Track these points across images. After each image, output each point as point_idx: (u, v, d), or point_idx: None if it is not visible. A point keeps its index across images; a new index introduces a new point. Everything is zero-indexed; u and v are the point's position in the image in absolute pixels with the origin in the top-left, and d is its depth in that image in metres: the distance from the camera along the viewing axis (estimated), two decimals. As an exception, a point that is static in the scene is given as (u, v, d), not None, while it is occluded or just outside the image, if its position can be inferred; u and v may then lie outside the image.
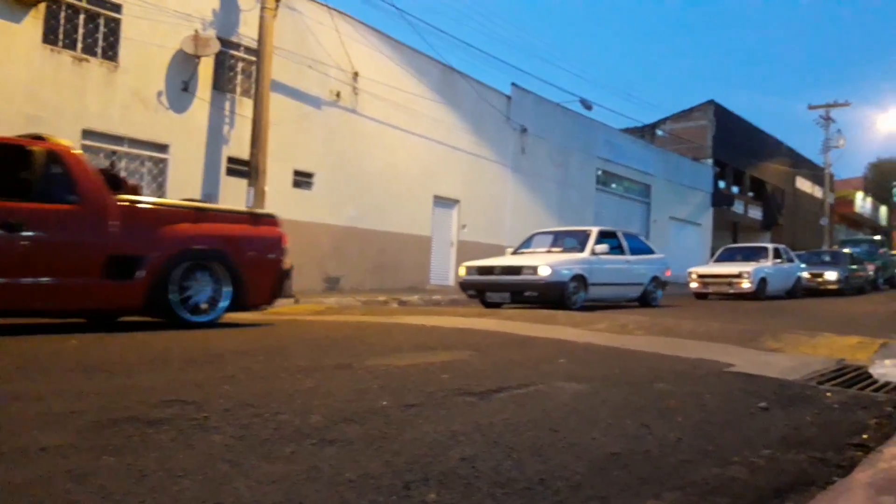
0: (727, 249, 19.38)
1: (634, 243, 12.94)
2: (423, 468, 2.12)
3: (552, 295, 10.42)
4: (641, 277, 12.40)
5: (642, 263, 12.61)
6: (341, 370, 3.93)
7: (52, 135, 6.41)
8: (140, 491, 1.87)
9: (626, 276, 12.10)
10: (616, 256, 12.00)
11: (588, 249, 11.37)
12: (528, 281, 10.50)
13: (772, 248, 18.23)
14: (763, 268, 16.72)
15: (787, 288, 17.86)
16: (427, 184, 16.85)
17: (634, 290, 12.32)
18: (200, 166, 12.14)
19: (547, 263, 10.58)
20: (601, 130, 23.99)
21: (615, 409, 3.00)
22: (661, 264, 13.10)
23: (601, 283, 11.28)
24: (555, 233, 13.03)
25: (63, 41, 10.55)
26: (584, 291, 10.86)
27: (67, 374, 3.67)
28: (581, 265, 11.03)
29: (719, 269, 17.03)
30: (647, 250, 13.11)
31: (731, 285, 16.19)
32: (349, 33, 14.47)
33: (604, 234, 12.17)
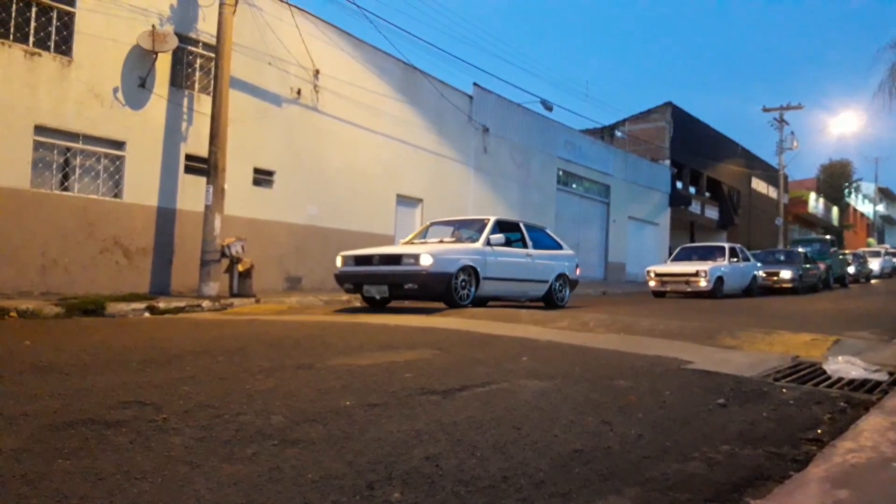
0: (684, 249, 19.52)
1: (540, 237, 11.88)
2: (387, 467, 2.12)
3: (436, 288, 9.21)
4: (546, 274, 11.27)
5: (547, 259, 11.47)
6: (303, 370, 3.90)
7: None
8: (97, 494, 1.83)
9: (527, 271, 10.90)
10: (516, 250, 10.96)
11: (482, 240, 10.14)
12: (408, 272, 9.16)
13: (728, 247, 18.43)
14: (719, 267, 16.88)
15: (743, 286, 18.11)
16: (390, 182, 16.80)
17: (537, 287, 11.20)
18: (158, 164, 11.90)
19: (430, 252, 9.26)
20: (561, 131, 24.22)
21: (576, 406, 3.04)
22: (569, 261, 12.04)
23: (496, 277, 10.12)
24: (453, 222, 11.86)
25: (14, 35, 10.23)
26: (474, 286, 9.64)
27: (20, 375, 3.57)
28: (472, 256, 9.72)
29: (677, 267, 17.11)
30: (554, 245, 12.06)
31: (689, 283, 16.29)
32: (310, 30, 14.34)
33: (503, 225, 11.12)
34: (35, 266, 10.18)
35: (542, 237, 11.95)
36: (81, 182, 10.94)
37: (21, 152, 10.18)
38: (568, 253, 12.25)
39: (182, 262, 11.86)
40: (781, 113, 35.85)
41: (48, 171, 10.58)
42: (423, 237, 11.32)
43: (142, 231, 11.53)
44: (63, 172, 10.79)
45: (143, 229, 11.55)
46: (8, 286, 9.78)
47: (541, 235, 11.97)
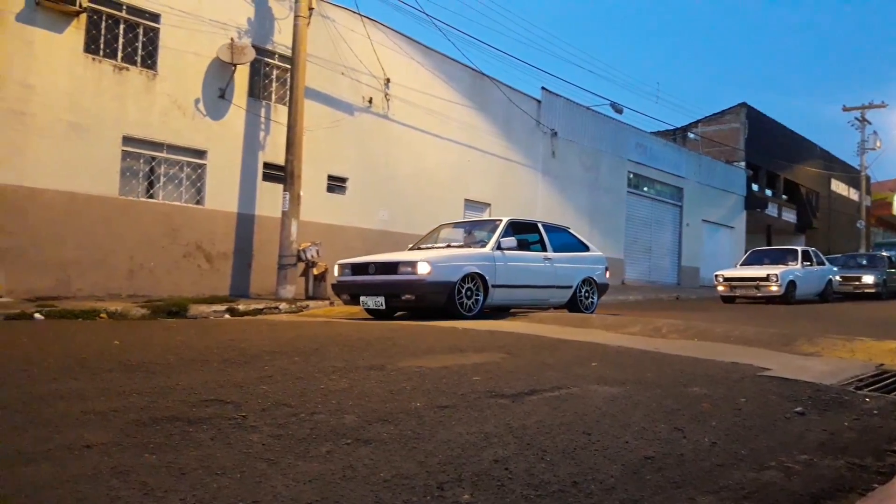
0: (755, 252, 18.61)
1: (562, 238, 10.83)
2: (457, 469, 2.14)
3: (436, 299, 8.45)
4: (568, 279, 10.24)
5: (570, 262, 10.41)
6: (375, 371, 3.98)
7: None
8: (180, 488, 1.92)
9: (545, 276, 9.92)
10: (533, 253, 10.03)
11: (491, 244, 9.22)
12: (404, 281, 8.43)
13: (801, 250, 17.53)
14: (792, 270, 16.08)
15: (818, 291, 17.26)
16: (458, 187, 16.89)
17: (559, 293, 10.20)
18: (237, 171, 12.34)
19: (429, 259, 8.46)
20: (632, 133, 23.80)
21: (648, 412, 2.99)
22: (596, 264, 10.99)
23: (509, 284, 9.23)
24: (464, 224, 10.99)
25: (104, 50, 10.81)
26: (482, 295, 8.78)
27: (110, 373, 3.76)
28: (478, 262, 8.85)
29: (746, 272, 16.41)
30: (578, 247, 10.98)
31: (759, 288, 15.61)
32: (381, 40, 14.58)
33: (518, 227, 10.23)
34: (123, 269, 10.70)
35: (564, 238, 10.91)
36: (166, 189, 11.45)
37: (110, 162, 10.73)
38: (595, 255, 11.20)
39: (260, 266, 12.25)
40: (863, 112, 34.24)
41: (135, 180, 11.12)
42: (433, 241, 10.42)
43: (222, 236, 11.97)
44: (149, 180, 11.32)
45: (223, 234, 11.99)
46: (99, 288, 10.33)
47: (563, 236, 10.95)
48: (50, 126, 10.11)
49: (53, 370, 3.82)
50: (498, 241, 9.27)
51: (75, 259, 10.19)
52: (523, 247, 10.04)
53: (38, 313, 7.52)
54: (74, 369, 3.88)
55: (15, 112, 9.78)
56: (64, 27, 10.29)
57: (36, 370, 3.79)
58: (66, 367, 3.92)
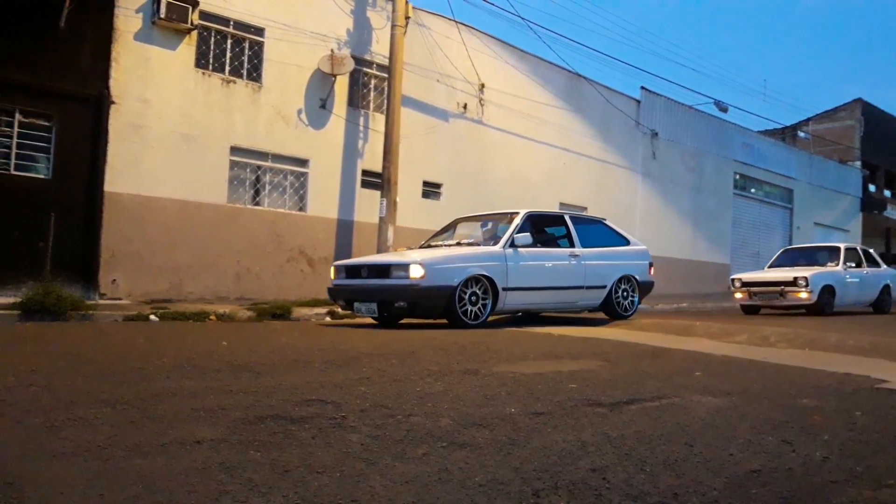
0: (788, 251, 15.32)
1: (595, 232, 9.58)
2: (553, 477, 2.11)
3: (433, 305, 7.62)
4: (601, 278, 9.07)
5: (604, 258, 9.19)
6: (469, 375, 3.99)
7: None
8: (283, 485, 1.98)
9: (571, 276, 8.77)
10: (555, 250, 9.03)
11: (503, 241, 8.22)
12: (396, 286, 7.59)
13: (844, 248, 14.02)
14: (828, 273, 12.89)
15: (868, 300, 13.95)
16: (552, 191, 16.72)
17: (589, 295, 9.01)
18: (337, 179, 12.72)
19: (423, 261, 7.57)
20: (737, 133, 22.84)
21: (755, 424, 2.86)
22: (637, 259, 9.67)
23: (524, 287, 8.26)
24: (483, 218, 9.74)
25: (213, 65, 11.40)
26: (491, 299, 7.88)
27: (218, 373, 3.95)
28: (485, 263, 7.93)
29: (769, 275, 13.29)
30: (616, 241, 9.67)
31: (784, 295, 12.46)
32: (476, 46, 14.65)
33: (538, 220, 9.15)
34: (231, 273, 11.23)
35: (598, 231, 9.68)
36: (270, 197, 11.95)
37: (219, 171, 11.29)
38: (636, 248, 9.87)
39: (357, 271, 12.56)
40: None
41: (242, 188, 11.65)
42: (449, 237, 9.42)
43: (323, 241, 12.37)
44: (254, 189, 11.84)
45: (324, 240, 12.38)
46: (208, 291, 10.89)
47: (596, 229, 9.72)
48: (164, 138, 10.74)
49: (167, 369, 4.05)
50: (511, 238, 8.26)
51: (187, 263, 10.78)
52: (549, 243, 9.20)
53: (153, 315, 8.00)
54: (186, 368, 4.10)
55: (133, 125, 10.46)
56: (177, 44, 10.91)
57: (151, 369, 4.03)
58: (179, 367, 4.15)
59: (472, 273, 7.77)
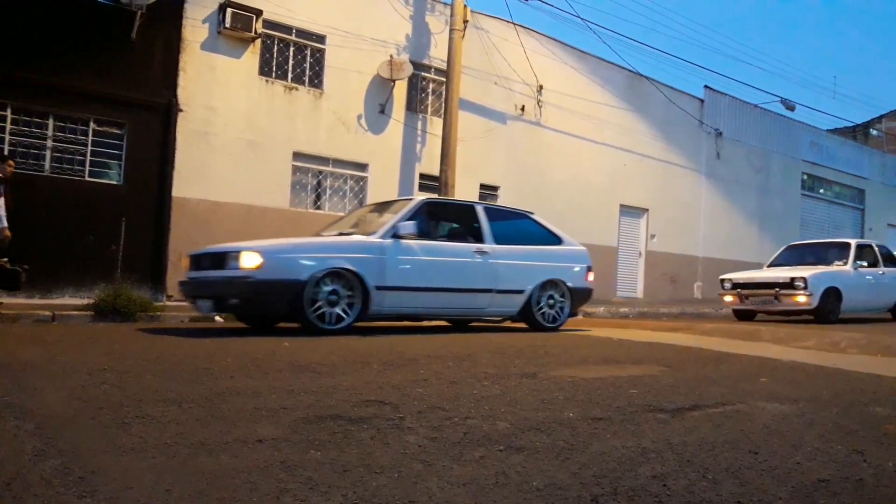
0: (792, 247, 13.40)
1: (516, 227, 8.28)
2: (612, 482, 2.08)
3: (272, 304, 6.42)
4: (518, 281, 7.80)
5: (522, 258, 7.90)
6: (527, 379, 3.96)
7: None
8: (342, 484, 2.01)
9: (475, 277, 7.53)
10: (452, 244, 7.69)
11: (384, 230, 6.96)
12: (229, 279, 6.37)
13: (855, 244, 12.17)
14: (833, 273, 11.26)
15: (885, 304, 12.32)
16: (613, 192, 16.49)
17: (501, 301, 7.74)
18: (396, 182, 12.84)
19: (262, 248, 6.40)
20: (805, 132, 22.09)
21: (823, 432, 2.75)
22: (570, 261, 8.32)
23: (409, 286, 7.00)
24: (388, 204, 8.28)
25: (276, 72, 11.68)
26: (359, 300, 6.62)
27: (280, 373, 4.03)
28: (352, 254, 6.64)
29: (764, 275, 11.70)
30: (543, 238, 8.31)
31: (779, 299, 10.91)
32: (534, 47, 14.59)
33: (438, 208, 8.01)
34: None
35: (521, 227, 8.34)
36: (331, 201, 12.15)
37: (282, 176, 11.55)
38: (571, 250, 8.48)
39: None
40: None
41: (304, 192, 11.88)
42: (345, 226, 8.14)
43: (380, 245, 12.48)
44: (316, 193, 12.07)
45: (381, 243, 12.50)
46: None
47: (520, 225, 8.39)
48: (229, 144, 11.05)
49: (231, 369, 4.15)
50: (394, 227, 6.98)
51: (251, 266, 11.04)
52: (454, 237, 8.05)
53: (217, 316, 8.21)
54: (249, 368, 4.19)
55: (200, 133, 10.79)
56: (241, 52, 11.22)
57: (216, 369, 4.14)
58: (242, 366, 4.25)
59: (331, 266, 6.46)
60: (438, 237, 7.95)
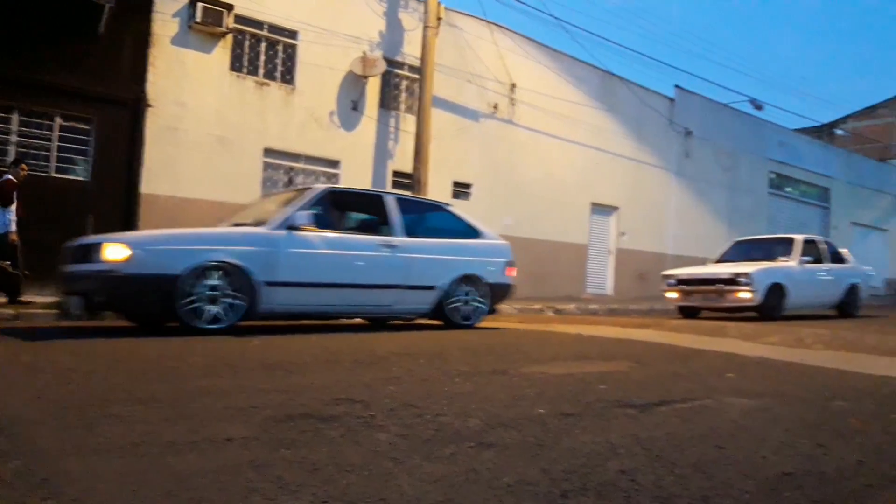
0: (740, 243, 13.05)
1: (429, 219, 7.95)
2: (581, 478, 2.10)
3: (141, 303, 5.94)
4: (430, 276, 7.38)
5: (436, 252, 7.51)
6: (498, 376, 3.98)
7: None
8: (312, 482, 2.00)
9: (382, 272, 7.06)
10: (356, 237, 7.29)
11: (277, 221, 6.51)
12: (94, 273, 5.83)
13: (802, 240, 11.97)
14: (777, 269, 10.99)
15: (831, 301, 12.09)
16: (584, 191, 16.62)
17: (412, 297, 7.31)
18: (368, 179, 12.79)
19: (130, 239, 5.99)
20: (773, 131, 22.48)
21: (788, 427, 2.81)
22: (488, 255, 7.96)
23: (304, 282, 6.52)
24: (289, 192, 7.89)
25: (247, 67, 11.56)
26: (246, 297, 6.10)
27: (250, 372, 4.00)
28: (239, 247, 6.17)
29: (708, 270, 11.43)
30: (460, 231, 7.95)
31: (723, 295, 10.66)
32: (507, 46, 14.64)
33: (342, 198, 7.58)
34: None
35: (436, 220, 7.97)
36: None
37: (253, 173, 11.44)
38: (490, 243, 8.09)
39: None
40: None
41: (275, 189, 11.78)
42: (243, 217, 7.54)
43: (353, 242, 12.44)
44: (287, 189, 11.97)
45: (353, 240, 12.46)
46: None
47: (435, 217, 8.01)
48: (199, 140, 10.92)
49: (200, 367, 4.11)
50: (289, 218, 6.52)
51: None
52: (361, 229, 7.67)
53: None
54: (218, 367, 4.15)
55: (170, 128, 10.65)
56: (212, 47, 11.09)
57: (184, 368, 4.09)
58: (211, 365, 4.21)
59: (211, 260, 5.95)
60: (346, 229, 7.50)
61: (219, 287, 5.99)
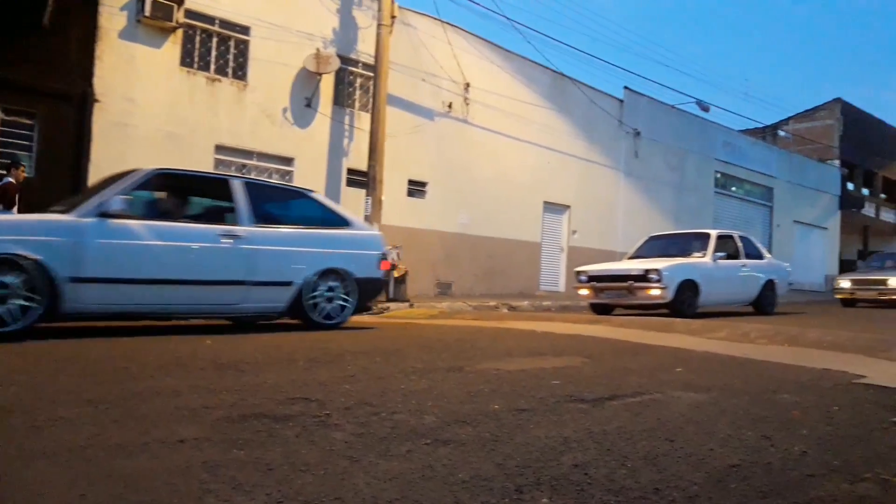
0: (653, 239, 12.54)
1: (288, 207, 7.25)
2: (536, 472, 2.14)
3: None
4: (284, 271, 6.61)
5: (292, 243, 6.74)
6: (454, 373, 4.00)
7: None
8: (267, 483, 1.99)
9: (222, 266, 6.24)
10: (189, 225, 6.40)
11: (84, 208, 5.71)
12: None
13: (715, 235, 11.59)
14: (689, 265, 10.67)
15: (746, 297, 11.87)
16: (537, 190, 16.79)
17: (261, 294, 6.51)
18: (323, 177, 12.69)
19: None
20: (719, 132, 23.08)
21: (735, 420, 2.90)
22: (356, 247, 7.21)
23: (120, 278, 5.73)
24: (107, 180, 6.57)
25: (198, 63, 11.34)
26: (44, 297, 5.34)
27: (202, 371, 3.94)
28: (32, 237, 5.37)
29: (618, 267, 11.12)
30: (322, 220, 7.16)
31: (633, 292, 10.28)
32: (461, 45, 14.68)
33: (177, 181, 6.73)
34: (215, 273, 11.16)
35: (296, 208, 7.26)
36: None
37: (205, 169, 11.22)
38: (360, 234, 7.42)
39: (342, 270, 12.54)
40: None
41: (226, 187, 11.59)
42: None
43: (306, 240, 12.32)
44: (238, 187, 11.78)
45: (307, 239, 12.35)
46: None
47: (295, 204, 7.32)
48: (149, 137, 10.68)
49: (151, 367, 4.03)
50: (102, 204, 5.70)
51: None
52: (201, 217, 6.83)
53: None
54: (170, 367, 4.08)
55: (119, 124, 10.39)
56: (162, 42, 10.86)
57: (135, 368, 4.01)
58: (162, 365, 4.13)
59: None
60: (185, 217, 6.60)
61: (8, 284, 5.17)
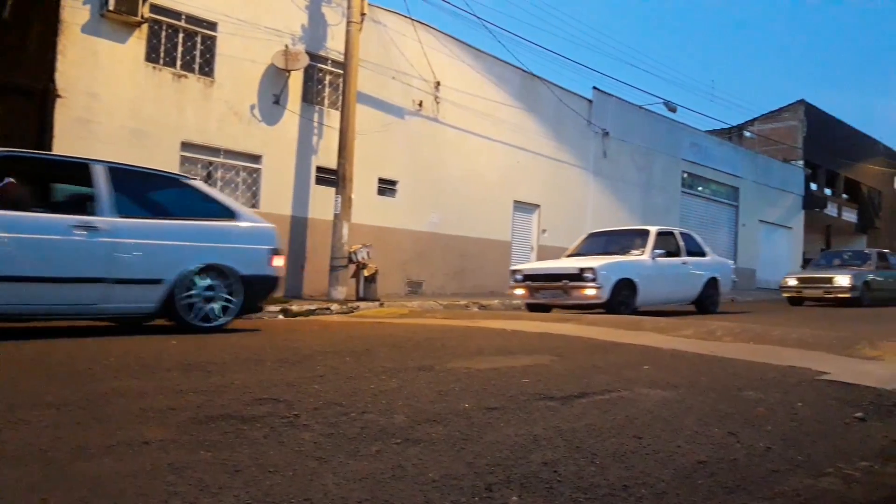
0: (593, 236, 12.33)
1: (162, 196, 6.61)
2: (505, 471, 2.14)
3: None
4: (152, 267, 5.93)
5: (163, 235, 6.10)
6: (424, 372, 4.00)
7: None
8: (234, 484, 1.97)
9: (74, 261, 5.57)
10: (29, 216, 5.54)
11: None
12: None
13: (655, 232, 11.22)
14: (626, 263, 10.42)
15: (688, 296, 11.56)
16: (507, 189, 16.85)
17: (125, 294, 5.85)
18: (291, 176, 12.58)
19: None
20: (686, 133, 23.39)
21: (701, 416, 2.94)
22: (242, 241, 6.60)
23: None
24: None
25: (164, 59, 11.16)
26: None
27: (168, 372, 3.88)
28: None
29: (553, 266, 10.87)
30: (202, 211, 6.51)
31: (568, 292, 9.96)
32: (431, 44, 14.66)
33: (31, 166, 6.10)
34: (181, 272, 10.99)
35: (172, 196, 6.57)
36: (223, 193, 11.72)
37: (170, 167, 11.03)
38: (247, 227, 6.74)
39: (313, 268, 12.46)
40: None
41: (193, 184, 11.43)
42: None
43: (276, 239, 12.21)
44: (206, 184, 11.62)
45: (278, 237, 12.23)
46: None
47: (171, 193, 6.60)
48: (113, 133, 10.48)
49: (115, 369, 3.96)
50: None
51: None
52: (55, 206, 6.04)
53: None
54: (134, 368, 4.02)
55: (81, 120, 10.18)
56: (126, 37, 10.66)
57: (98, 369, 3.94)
58: (127, 366, 4.06)
59: None
60: (39, 207, 5.81)
61: None
